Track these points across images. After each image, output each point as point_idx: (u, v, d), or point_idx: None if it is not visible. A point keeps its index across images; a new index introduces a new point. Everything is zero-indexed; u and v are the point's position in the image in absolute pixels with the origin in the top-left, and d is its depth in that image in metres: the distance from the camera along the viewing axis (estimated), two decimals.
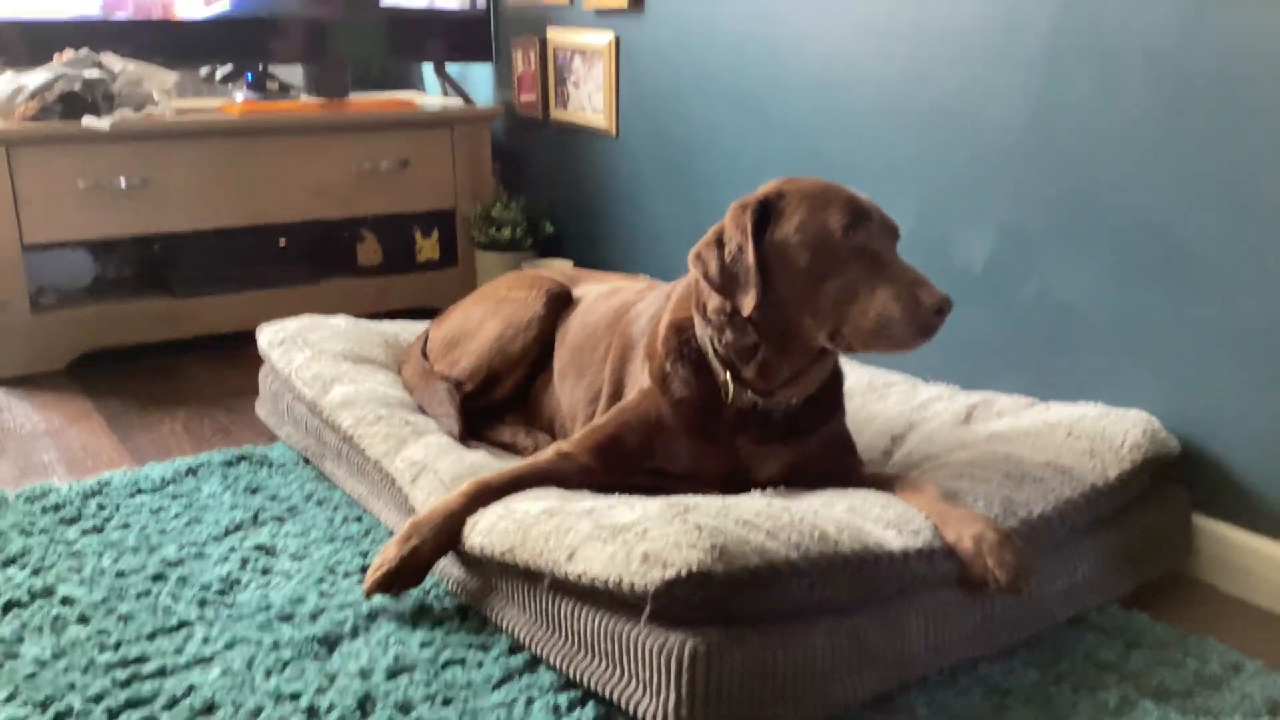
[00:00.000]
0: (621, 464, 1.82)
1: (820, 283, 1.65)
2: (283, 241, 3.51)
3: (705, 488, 1.75)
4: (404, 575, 1.70)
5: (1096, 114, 2.01)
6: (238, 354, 3.13)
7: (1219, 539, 1.92)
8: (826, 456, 1.84)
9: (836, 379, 1.87)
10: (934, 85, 2.33)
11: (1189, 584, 1.94)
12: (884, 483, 1.76)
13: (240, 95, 3.58)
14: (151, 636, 1.70)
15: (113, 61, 3.13)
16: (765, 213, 1.70)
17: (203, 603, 1.80)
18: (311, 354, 2.39)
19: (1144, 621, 1.73)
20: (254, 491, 2.25)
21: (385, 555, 1.70)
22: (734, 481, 1.78)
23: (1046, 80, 2.09)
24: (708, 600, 1.38)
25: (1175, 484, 1.95)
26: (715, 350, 1.77)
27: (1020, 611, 1.64)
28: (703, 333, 1.79)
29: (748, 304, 1.67)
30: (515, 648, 1.66)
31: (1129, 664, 1.61)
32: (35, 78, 2.99)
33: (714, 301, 1.74)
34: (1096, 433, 1.89)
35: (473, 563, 1.74)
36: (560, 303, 2.24)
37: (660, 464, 1.82)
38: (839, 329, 1.64)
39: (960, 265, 2.33)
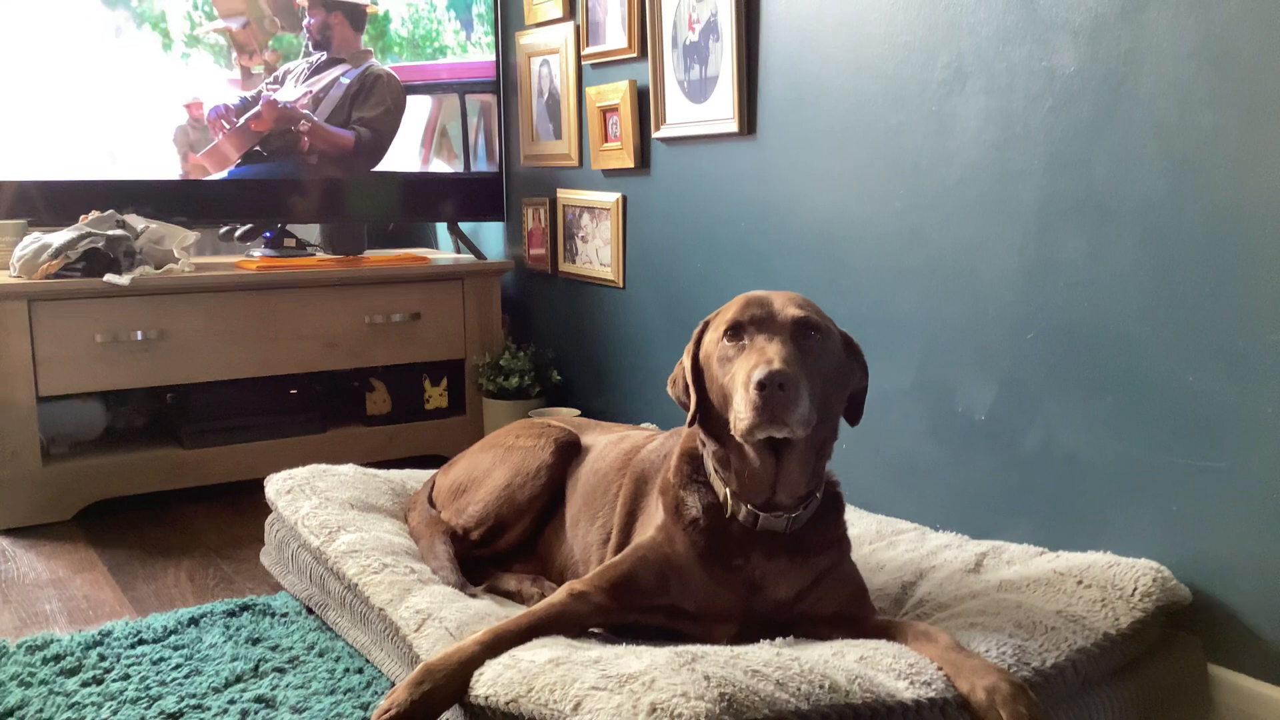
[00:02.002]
0: (637, 601, 1.81)
1: (720, 381, 1.74)
2: (294, 391, 3.56)
3: (721, 625, 1.75)
4: None
5: (1091, 268, 2.08)
6: (243, 503, 3.14)
7: (1236, 690, 1.88)
8: (838, 592, 1.83)
9: (834, 499, 1.88)
10: (931, 242, 2.41)
11: None
12: (897, 632, 1.74)
13: (258, 252, 3.70)
14: None
15: (135, 221, 3.26)
16: (704, 330, 1.84)
17: None
18: (319, 501, 2.40)
19: None
20: (256, 642, 2.22)
21: (395, 698, 1.66)
22: (748, 611, 1.77)
23: (1040, 235, 2.17)
24: None
25: (1188, 634, 1.92)
26: (714, 470, 1.82)
27: None
28: (706, 456, 1.84)
29: (689, 413, 1.81)
30: None
31: None
32: (60, 236, 3.10)
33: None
34: (1107, 580, 1.87)
35: (477, 715, 1.71)
36: (569, 451, 2.26)
37: (675, 600, 1.81)
38: (734, 421, 1.69)
39: (964, 415, 2.35)
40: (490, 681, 1.64)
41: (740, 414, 1.65)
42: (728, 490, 1.80)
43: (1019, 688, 1.54)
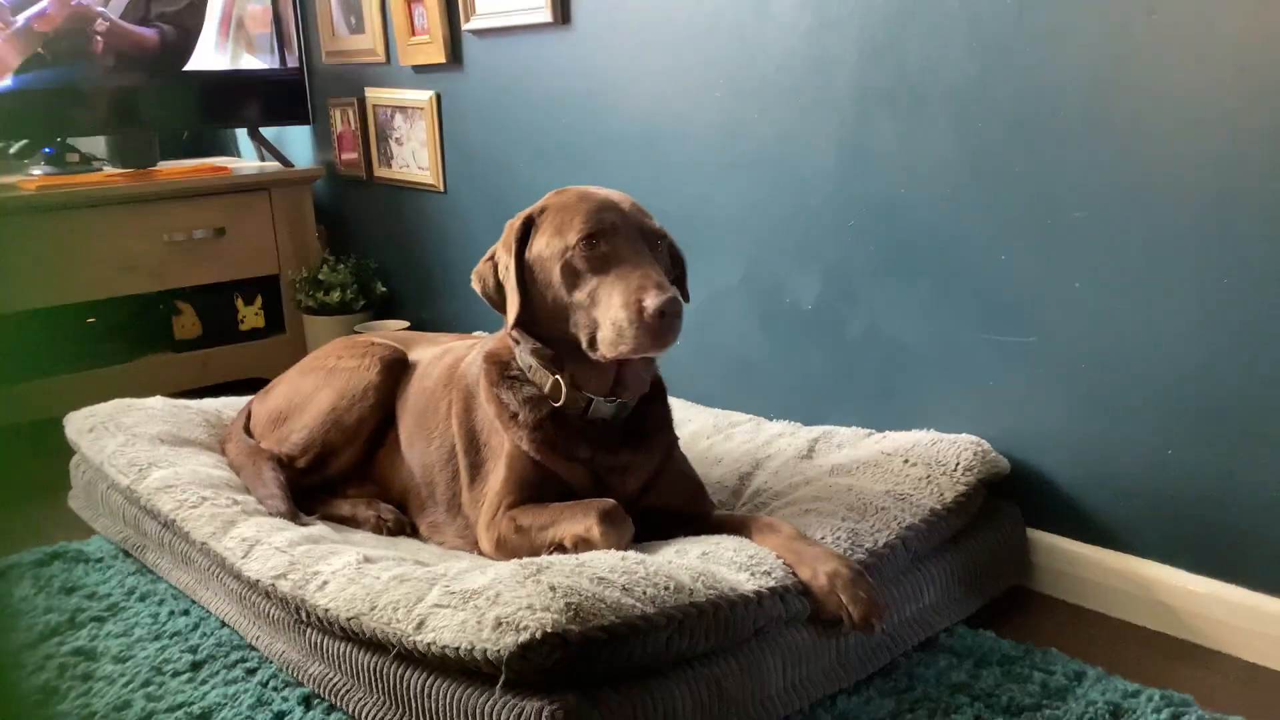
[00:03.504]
0: (548, 495, 1.79)
1: (567, 294, 1.71)
2: (91, 320, 3.31)
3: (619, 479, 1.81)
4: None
5: (905, 154, 2.10)
6: (45, 444, 2.91)
7: (1053, 551, 2.00)
8: (679, 487, 1.86)
9: (656, 383, 1.89)
10: (752, 133, 2.39)
11: (1030, 598, 2.01)
12: (737, 525, 1.76)
13: (38, 170, 3.37)
14: None
15: None
16: (528, 228, 1.78)
17: (18, 718, 1.64)
18: (125, 439, 2.25)
19: (990, 639, 1.78)
20: (70, 591, 2.08)
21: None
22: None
23: (856, 123, 2.17)
24: (564, 663, 1.34)
25: (1008, 502, 2.03)
26: (533, 365, 1.80)
27: (873, 642, 1.66)
28: (521, 353, 1.82)
29: (510, 317, 1.77)
30: None
31: (979, 683, 1.65)
32: None
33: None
34: (931, 457, 1.95)
35: (314, 647, 1.65)
36: (397, 369, 2.17)
37: (570, 481, 1.80)
38: (592, 337, 1.68)
39: (792, 305, 2.38)
40: (333, 595, 1.60)
41: (621, 334, 1.62)
42: (554, 377, 1.77)
43: (858, 572, 1.59)
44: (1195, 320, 1.75)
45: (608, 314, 1.64)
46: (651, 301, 1.60)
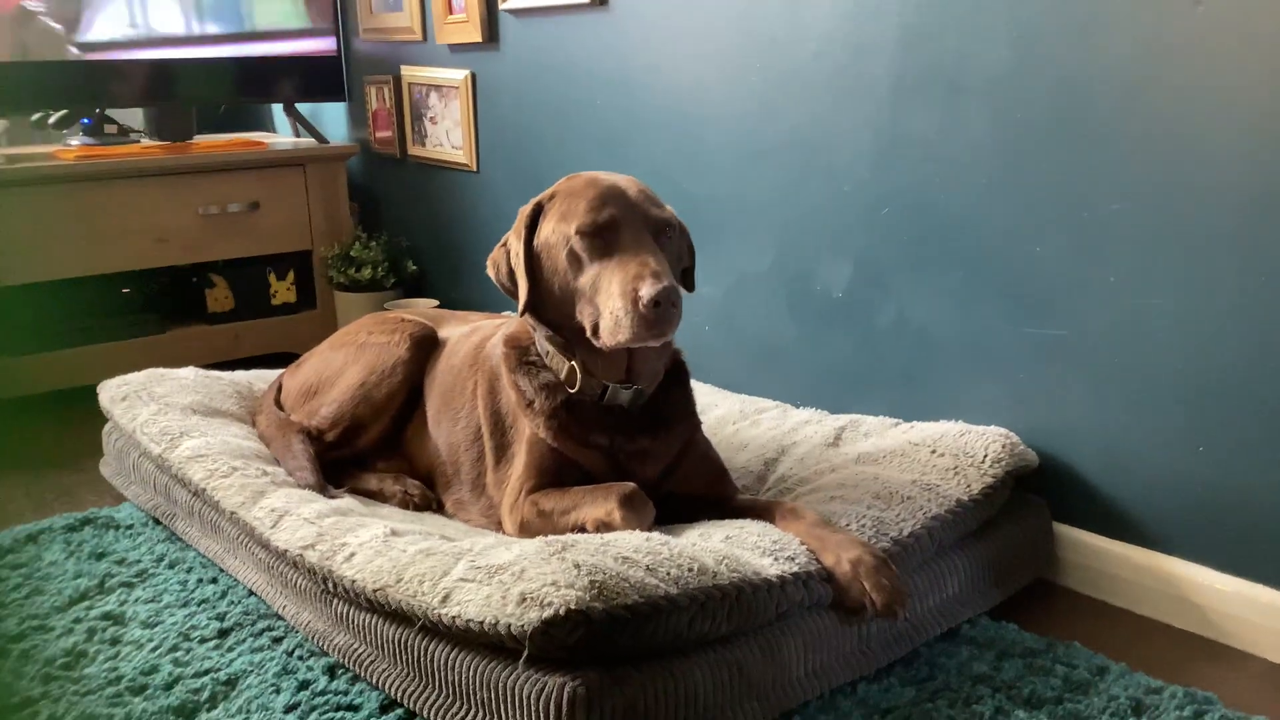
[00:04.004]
0: (567, 480, 1.79)
1: (572, 281, 1.70)
2: (126, 291, 3.34)
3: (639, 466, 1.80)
4: None
5: (941, 143, 2.08)
6: (80, 412, 2.95)
7: (1079, 546, 1.99)
8: (701, 471, 1.86)
9: (679, 368, 1.89)
10: (786, 120, 2.37)
11: (1054, 592, 2.00)
12: (761, 510, 1.76)
13: (76, 141, 3.41)
14: None
15: None
16: (538, 214, 1.78)
17: (48, 679, 1.68)
18: (157, 408, 2.27)
19: (1013, 631, 1.77)
20: (100, 557, 2.11)
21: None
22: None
23: (893, 110, 2.16)
24: (587, 640, 1.34)
25: (1035, 495, 2.02)
26: (550, 350, 1.80)
27: (895, 630, 1.66)
28: (539, 339, 1.82)
29: (520, 303, 1.78)
30: (387, 705, 1.59)
31: (1001, 674, 1.64)
32: None
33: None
34: (959, 449, 1.94)
35: (340, 618, 1.67)
36: (426, 345, 2.18)
37: (588, 467, 1.80)
38: (595, 325, 1.67)
39: (821, 293, 2.37)
40: (360, 565, 1.61)
41: (619, 323, 1.61)
42: (570, 363, 1.77)
43: (881, 560, 1.58)
44: (1229, 319, 1.73)
45: (607, 303, 1.64)
46: (646, 291, 1.58)
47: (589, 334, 1.69)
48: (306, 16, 3.63)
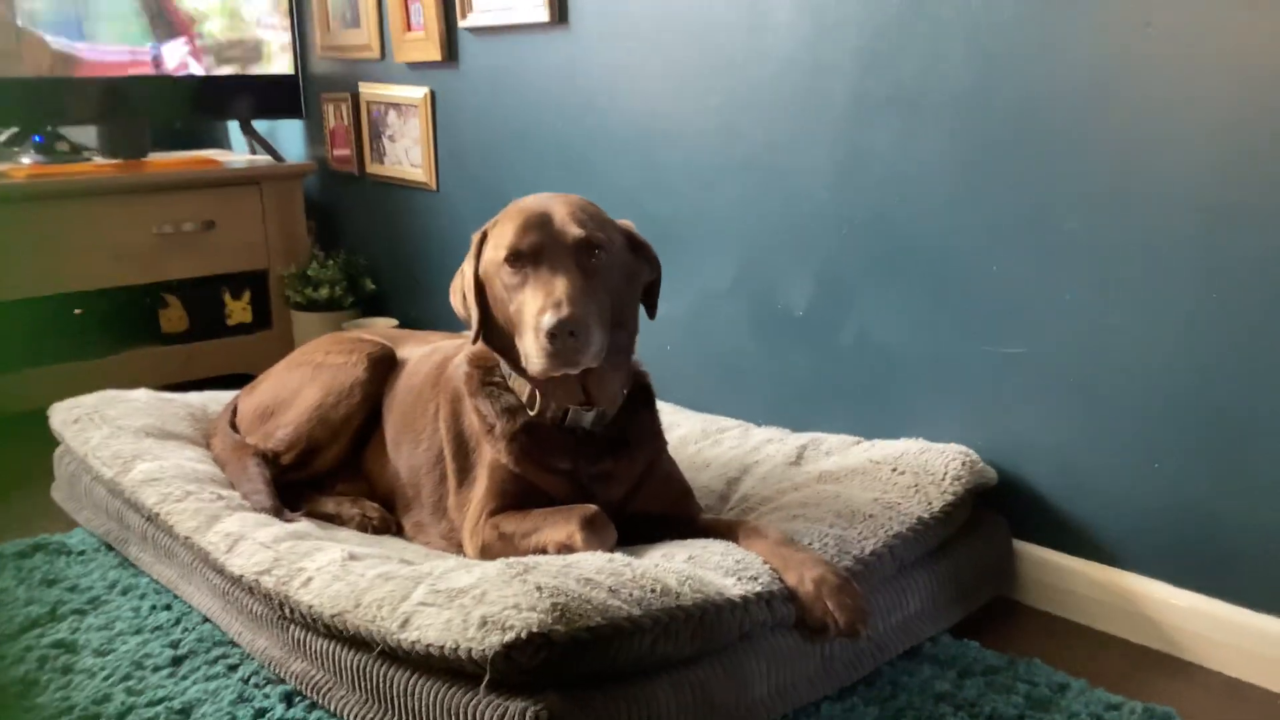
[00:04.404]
0: (529, 504, 1.77)
1: (508, 309, 1.69)
2: (78, 311, 3.29)
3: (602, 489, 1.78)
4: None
5: (900, 162, 2.10)
6: (30, 435, 2.88)
7: (1037, 563, 2.01)
8: (664, 492, 1.85)
9: (644, 390, 1.87)
10: (748, 138, 2.39)
11: (1014, 608, 2.01)
12: (725, 530, 1.75)
13: (27, 159, 3.35)
14: None
15: None
16: (483, 242, 1.77)
17: None
18: (110, 431, 2.24)
19: (975, 649, 1.78)
20: (51, 583, 2.07)
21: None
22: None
23: (852, 130, 2.17)
24: (549, 663, 1.33)
25: (995, 513, 2.03)
26: (510, 374, 1.78)
27: (858, 650, 1.66)
28: (503, 361, 1.80)
29: (472, 331, 1.76)
30: None
31: (963, 693, 1.65)
32: None
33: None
34: (920, 466, 1.95)
35: (297, 644, 1.64)
36: (384, 365, 2.16)
37: (550, 491, 1.78)
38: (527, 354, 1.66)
39: (783, 311, 2.38)
40: (318, 591, 1.59)
41: (531, 355, 1.61)
42: (531, 388, 1.75)
43: (844, 579, 1.59)
44: (1185, 334, 1.76)
45: (524, 333, 1.64)
46: (545, 321, 1.57)
47: (523, 361, 1.67)
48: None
